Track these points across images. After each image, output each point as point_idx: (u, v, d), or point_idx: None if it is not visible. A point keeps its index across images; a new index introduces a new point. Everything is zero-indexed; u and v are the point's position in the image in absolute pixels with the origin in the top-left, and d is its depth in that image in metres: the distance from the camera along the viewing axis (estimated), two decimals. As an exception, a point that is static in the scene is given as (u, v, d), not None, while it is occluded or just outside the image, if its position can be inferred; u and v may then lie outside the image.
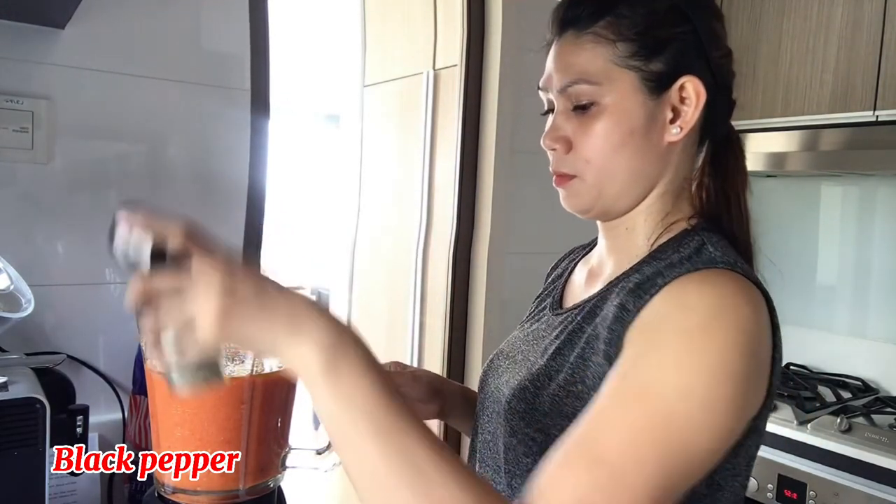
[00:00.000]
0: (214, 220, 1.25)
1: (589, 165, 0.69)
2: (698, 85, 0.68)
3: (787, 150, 1.75)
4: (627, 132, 0.68)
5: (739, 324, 0.57)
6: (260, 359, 0.59)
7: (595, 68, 0.68)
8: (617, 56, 0.67)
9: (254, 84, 1.27)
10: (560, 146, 0.70)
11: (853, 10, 1.67)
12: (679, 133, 0.69)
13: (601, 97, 0.68)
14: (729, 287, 0.60)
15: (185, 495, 0.60)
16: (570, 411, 0.64)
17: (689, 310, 0.59)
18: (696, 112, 0.68)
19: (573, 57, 0.69)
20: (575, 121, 0.69)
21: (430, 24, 2.47)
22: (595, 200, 0.71)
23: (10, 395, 0.73)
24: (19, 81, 1.07)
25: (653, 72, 0.68)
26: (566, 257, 0.92)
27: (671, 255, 0.67)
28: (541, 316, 0.82)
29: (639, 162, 0.69)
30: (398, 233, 2.69)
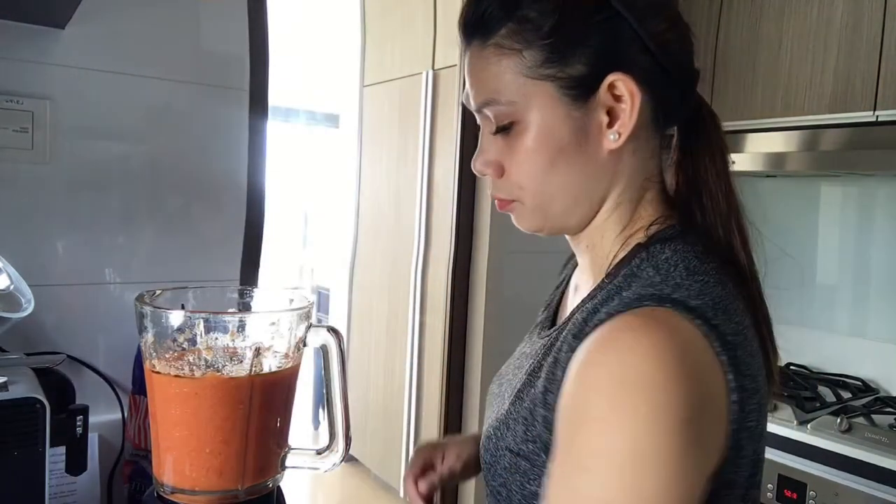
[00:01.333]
0: (214, 220, 1.25)
1: (524, 191, 0.62)
2: (629, 83, 0.58)
3: (787, 150, 1.75)
4: (556, 151, 0.59)
5: (647, 398, 0.49)
6: (258, 359, 0.59)
7: (504, 85, 0.59)
8: (526, 67, 0.58)
9: (253, 84, 1.27)
10: (491, 171, 0.63)
11: (853, 10, 1.67)
12: (619, 139, 0.59)
13: (520, 115, 0.59)
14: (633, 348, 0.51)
15: (185, 495, 0.60)
16: (525, 467, 0.60)
17: (592, 393, 0.51)
18: (633, 112, 0.58)
19: (481, 72, 0.60)
20: (500, 142, 0.62)
21: (429, 23, 2.47)
22: (543, 221, 0.64)
23: (10, 395, 0.73)
24: (19, 81, 1.07)
25: (572, 77, 0.58)
26: (568, 262, 0.85)
27: (617, 279, 0.60)
28: (533, 332, 0.76)
29: (577, 179, 0.61)
30: (398, 232, 2.69)
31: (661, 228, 0.63)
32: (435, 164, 2.41)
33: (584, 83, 0.58)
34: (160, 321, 0.58)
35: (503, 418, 0.64)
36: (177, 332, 0.58)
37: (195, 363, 0.58)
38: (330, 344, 0.63)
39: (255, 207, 1.30)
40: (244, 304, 0.69)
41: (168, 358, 0.59)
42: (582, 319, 0.58)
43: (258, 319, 0.62)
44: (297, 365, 0.63)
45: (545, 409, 0.58)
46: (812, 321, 2.00)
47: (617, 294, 0.57)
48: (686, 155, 0.64)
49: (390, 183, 2.77)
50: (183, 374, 0.58)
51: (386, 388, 2.76)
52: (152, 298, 0.61)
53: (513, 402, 0.64)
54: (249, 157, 1.27)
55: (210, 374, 0.58)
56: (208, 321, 0.58)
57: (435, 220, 2.42)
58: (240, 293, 0.70)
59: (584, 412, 0.51)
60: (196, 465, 0.59)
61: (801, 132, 1.72)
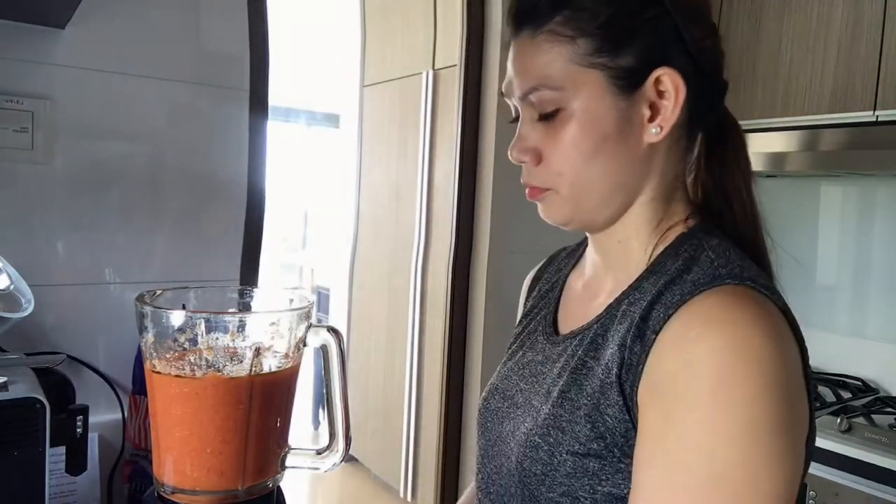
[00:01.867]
0: (214, 220, 1.25)
1: (562, 178, 0.62)
2: (676, 77, 0.60)
3: (787, 150, 1.75)
4: (600, 139, 0.60)
5: (761, 364, 0.51)
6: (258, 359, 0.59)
7: (555, 71, 0.60)
8: (578, 55, 0.59)
9: (253, 84, 1.27)
10: (529, 158, 0.63)
11: (853, 10, 1.67)
12: (659, 133, 0.61)
13: (566, 103, 0.60)
14: (737, 322, 0.52)
15: (185, 495, 0.59)
16: (595, 468, 0.58)
17: (697, 366, 0.51)
18: (676, 107, 0.60)
19: (530, 59, 0.61)
20: (542, 129, 0.62)
21: (429, 24, 2.47)
22: (573, 213, 0.64)
23: (10, 395, 0.73)
24: (19, 81, 1.07)
25: (622, 68, 0.60)
26: (548, 266, 0.84)
27: (669, 266, 0.61)
28: (533, 342, 0.74)
29: (616, 169, 0.62)
30: (398, 232, 2.69)
31: (696, 223, 0.65)
32: (435, 163, 2.41)
33: (632, 75, 0.60)
34: (161, 321, 0.58)
35: (550, 423, 0.62)
36: (177, 332, 0.58)
37: (196, 363, 0.58)
38: (330, 344, 0.63)
39: (256, 207, 1.30)
40: (244, 304, 0.69)
41: (168, 358, 0.59)
42: (648, 303, 0.59)
43: (258, 319, 0.62)
44: (298, 365, 0.63)
45: (619, 397, 0.58)
46: (812, 321, 2.00)
47: (679, 278, 0.59)
48: (713, 161, 0.67)
49: (390, 183, 2.77)
50: (183, 374, 0.58)
51: (386, 388, 2.76)
52: (153, 298, 0.61)
53: (557, 404, 0.62)
54: (249, 157, 1.28)
55: (211, 374, 0.58)
56: (209, 321, 0.58)
57: (435, 220, 2.42)
58: (240, 293, 0.70)
59: (691, 387, 0.51)
60: (197, 464, 0.58)
61: (801, 132, 1.72)
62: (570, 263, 0.79)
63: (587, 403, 0.60)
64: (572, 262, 0.79)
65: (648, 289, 0.61)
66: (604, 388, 0.59)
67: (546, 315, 0.75)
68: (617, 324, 0.62)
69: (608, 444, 0.58)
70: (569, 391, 0.62)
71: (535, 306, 0.79)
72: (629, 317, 0.60)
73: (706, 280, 0.57)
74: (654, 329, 0.56)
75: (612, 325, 0.62)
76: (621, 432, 0.57)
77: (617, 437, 0.58)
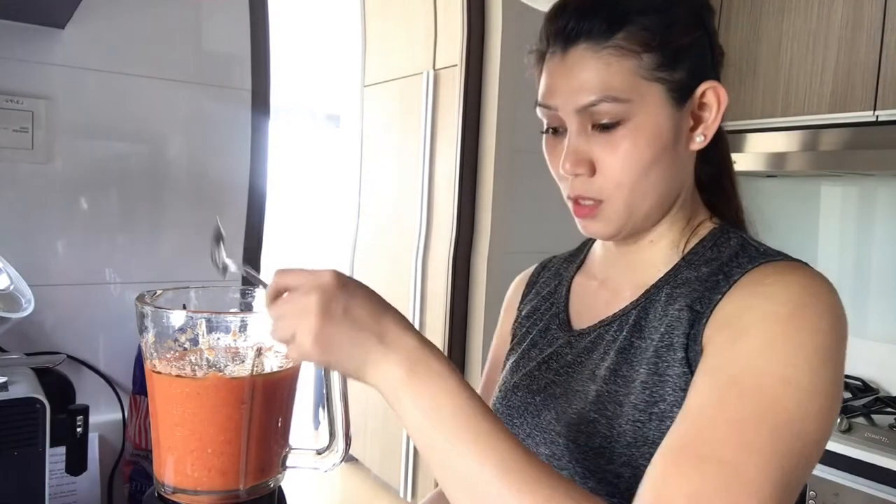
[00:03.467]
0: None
1: (620, 188, 0.65)
2: (720, 90, 0.66)
3: (787, 150, 1.75)
4: (660, 149, 0.64)
5: (829, 308, 0.57)
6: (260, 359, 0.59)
7: (622, 84, 0.63)
8: (643, 68, 0.63)
9: (254, 84, 1.27)
10: (584, 170, 0.65)
11: (853, 10, 1.67)
12: (703, 141, 0.67)
13: (630, 115, 0.63)
14: (808, 275, 0.60)
15: (185, 495, 0.59)
16: (655, 435, 0.60)
17: (774, 298, 0.57)
18: (718, 116, 0.66)
19: (594, 73, 0.63)
20: (598, 141, 0.64)
21: (430, 24, 2.47)
22: (625, 223, 0.67)
23: (10, 395, 0.73)
24: (19, 81, 1.07)
25: (677, 81, 0.64)
26: (542, 271, 0.86)
27: (712, 255, 0.66)
28: (550, 339, 0.76)
29: (669, 177, 0.66)
30: (398, 232, 2.69)
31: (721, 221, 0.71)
32: (435, 163, 2.41)
33: (684, 88, 0.65)
34: (161, 321, 0.58)
35: (605, 399, 0.64)
36: (178, 332, 0.58)
37: (197, 363, 0.58)
38: (331, 344, 0.63)
39: (257, 207, 1.30)
40: (246, 304, 0.69)
41: (169, 358, 0.58)
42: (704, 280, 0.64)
43: (260, 320, 0.62)
44: (298, 365, 0.63)
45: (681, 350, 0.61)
46: (812, 321, 2.00)
47: (734, 261, 0.64)
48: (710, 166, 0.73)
49: (391, 183, 2.77)
50: (184, 375, 0.58)
51: (386, 388, 2.75)
52: (153, 298, 0.61)
53: (609, 381, 0.65)
54: (251, 156, 1.27)
55: (212, 374, 0.58)
56: (210, 321, 0.58)
57: (435, 219, 2.42)
58: (242, 293, 0.70)
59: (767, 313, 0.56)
60: (198, 465, 0.58)
61: (801, 132, 1.72)
62: (572, 267, 0.81)
63: (644, 372, 0.63)
64: (574, 266, 0.81)
65: (693, 275, 0.65)
66: (659, 353, 0.63)
67: (557, 313, 0.77)
68: (664, 306, 0.65)
69: (669, 404, 0.60)
70: (619, 368, 0.65)
71: (538, 308, 0.81)
72: (678, 296, 0.65)
73: (770, 255, 0.63)
74: (722, 289, 0.61)
75: (653, 307, 0.67)
76: (681, 386, 0.60)
77: (677, 394, 0.60)
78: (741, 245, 0.66)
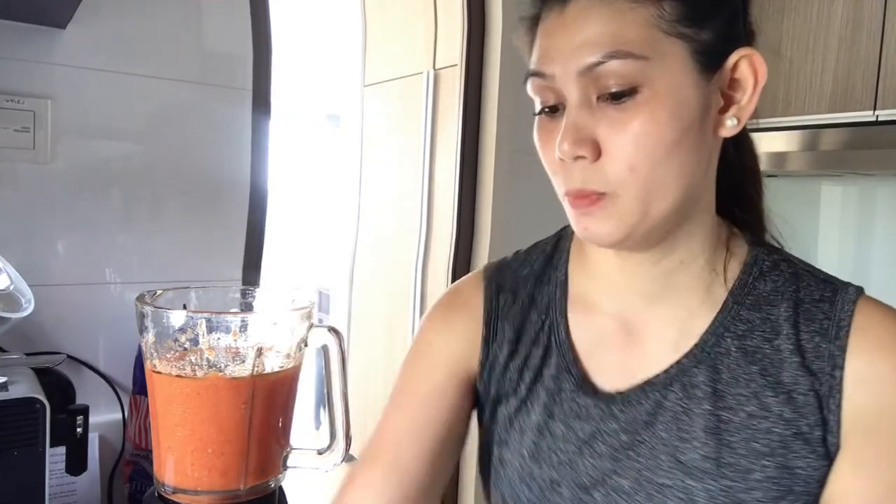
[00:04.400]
0: (216, 220, 1.25)
1: (633, 175, 0.50)
2: (758, 60, 0.52)
3: (788, 150, 1.75)
4: (685, 126, 0.49)
5: None
6: (260, 359, 0.59)
7: (636, 35, 0.49)
8: (664, 20, 0.49)
9: (255, 84, 1.26)
10: (587, 151, 0.50)
11: (853, 10, 1.67)
12: (736, 125, 0.52)
13: (648, 78, 0.49)
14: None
15: (186, 495, 0.59)
16: None
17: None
18: (755, 95, 0.52)
19: (602, 24, 0.49)
20: (604, 114, 0.50)
21: (430, 23, 2.47)
22: (637, 224, 0.51)
23: (10, 395, 0.73)
24: (20, 81, 1.06)
25: (705, 42, 0.50)
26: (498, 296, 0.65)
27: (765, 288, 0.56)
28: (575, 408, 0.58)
29: (693, 167, 0.51)
30: (398, 233, 2.69)
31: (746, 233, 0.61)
32: (436, 163, 2.41)
33: (714, 53, 0.51)
34: (161, 321, 0.58)
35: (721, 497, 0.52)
36: (178, 332, 0.58)
37: (197, 363, 0.58)
38: (330, 344, 0.63)
39: (258, 207, 1.30)
40: (246, 304, 0.69)
41: (169, 358, 0.59)
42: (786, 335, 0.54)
43: (260, 319, 0.62)
44: (299, 365, 0.63)
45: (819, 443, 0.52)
46: (812, 321, 1.99)
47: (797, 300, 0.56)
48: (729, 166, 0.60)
49: (391, 183, 2.77)
50: (185, 374, 0.58)
51: (386, 388, 2.75)
52: (153, 298, 0.61)
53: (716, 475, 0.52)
54: (252, 156, 1.27)
55: (212, 374, 0.58)
56: (210, 321, 0.58)
57: (435, 220, 2.42)
58: (242, 293, 0.70)
59: None
60: (198, 465, 0.58)
61: (802, 132, 1.72)
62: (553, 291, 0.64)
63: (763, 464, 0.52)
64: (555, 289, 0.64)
65: (757, 317, 0.54)
66: (785, 442, 0.52)
67: (566, 367, 0.60)
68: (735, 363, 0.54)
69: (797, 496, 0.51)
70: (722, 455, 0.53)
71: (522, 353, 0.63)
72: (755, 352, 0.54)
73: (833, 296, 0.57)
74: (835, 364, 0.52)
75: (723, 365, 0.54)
76: (815, 479, 0.51)
77: (811, 484, 0.51)
78: (793, 272, 0.57)
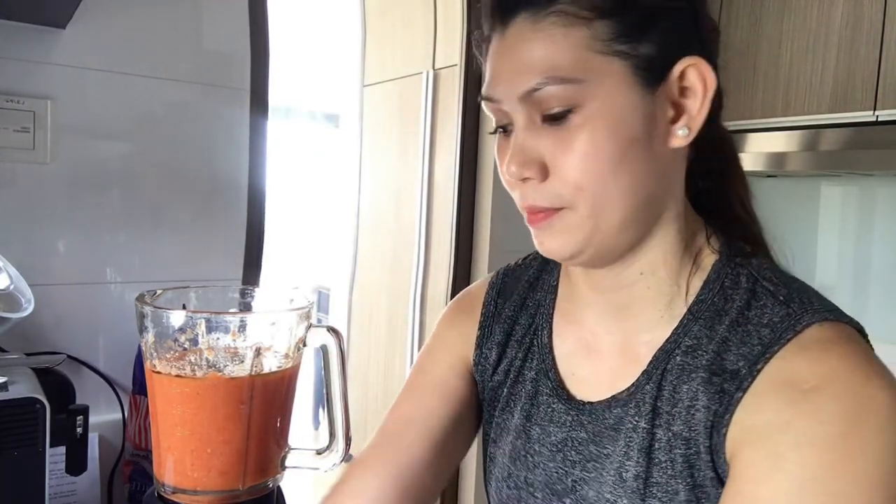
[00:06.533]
0: (215, 220, 1.25)
1: (581, 193, 0.51)
2: (705, 68, 0.51)
3: (787, 150, 1.75)
4: (627, 143, 0.50)
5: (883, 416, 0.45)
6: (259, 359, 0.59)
7: (569, 60, 0.50)
8: (596, 40, 0.50)
9: (253, 83, 1.27)
10: (533, 173, 0.52)
11: (853, 10, 1.67)
12: (688, 134, 0.53)
13: (584, 99, 0.50)
14: (845, 359, 0.48)
15: (185, 495, 0.59)
16: None
17: (822, 415, 0.46)
18: (705, 103, 0.52)
19: (534, 49, 0.50)
20: (548, 136, 0.51)
21: (429, 23, 2.47)
22: (590, 237, 0.53)
23: (10, 395, 0.73)
24: (20, 81, 1.07)
25: (645, 56, 0.51)
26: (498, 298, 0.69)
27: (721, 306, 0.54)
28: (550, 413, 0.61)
29: (645, 180, 0.52)
30: (398, 232, 2.69)
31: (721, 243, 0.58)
32: (435, 163, 2.41)
33: (655, 66, 0.51)
34: (161, 321, 0.58)
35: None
36: (178, 332, 0.58)
37: (196, 363, 0.58)
38: (330, 344, 0.63)
39: (256, 207, 1.30)
40: (245, 304, 0.69)
41: (169, 358, 0.59)
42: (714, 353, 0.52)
43: (259, 319, 0.62)
44: (298, 365, 0.63)
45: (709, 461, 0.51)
46: (812, 321, 1.99)
47: (742, 317, 0.52)
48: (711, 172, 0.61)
49: (390, 183, 2.77)
50: (184, 374, 0.58)
51: (386, 388, 2.76)
52: (153, 298, 0.61)
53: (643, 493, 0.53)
54: (250, 156, 1.27)
55: (211, 374, 0.58)
56: (210, 321, 0.58)
57: (435, 219, 2.43)
58: (241, 293, 0.70)
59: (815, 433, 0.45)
60: (197, 465, 0.59)
61: (801, 132, 1.72)
62: (544, 297, 0.67)
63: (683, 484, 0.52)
64: (546, 295, 0.67)
65: (703, 336, 0.53)
66: (688, 458, 0.52)
67: (545, 371, 0.63)
68: (675, 380, 0.54)
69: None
70: (651, 474, 0.53)
71: (509, 356, 0.66)
72: (692, 370, 0.53)
73: (784, 325, 0.51)
74: (740, 385, 0.50)
75: (666, 382, 0.54)
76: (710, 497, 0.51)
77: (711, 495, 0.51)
78: (750, 290, 0.54)
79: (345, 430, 0.64)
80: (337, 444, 0.64)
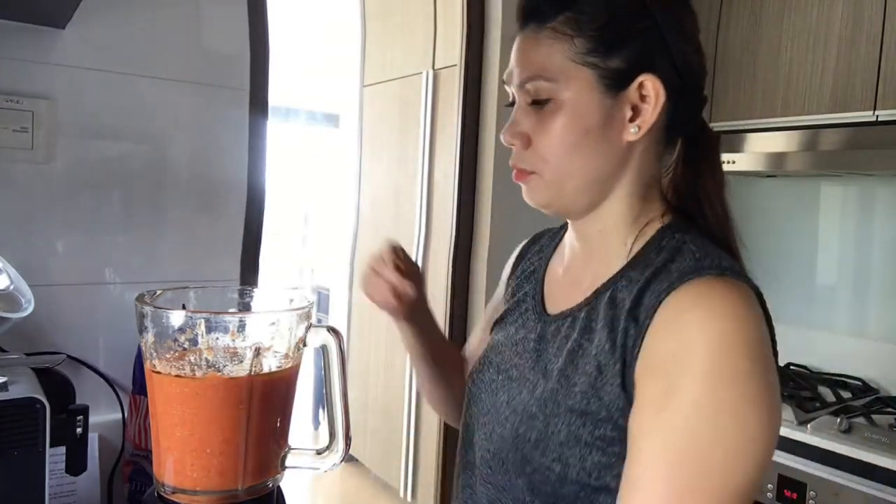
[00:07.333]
0: (214, 220, 1.25)
1: (546, 163, 0.68)
2: (657, 83, 0.66)
3: (787, 150, 1.75)
4: (582, 131, 0.67)
5: (749, 349, 0.58)
6: (258, 359, 0.59)
7: (552, 64, 0.67)
8: (574, 52, 0.66)
9: (253, 84, 1.27)
10: (518, 142, 0.70)
11: (853, 10, 1.67)
12: (637, 132, 0.67)
13: (557, 94, 0.67)
14: (725, 306, 0.60)
15: (185, 495, 0.60)
16: (588, 439, 0.64)
17: (692, 349, 0.58)
18: (655, 111, 0.67)
19: (532, 52, 0.68)
20: (533, 117, 0.68)
21: (429, 24, 2.47)
22: (553, 198, 0.70)
23: (10, 395, 0.73)
24: (19, 81, 1.07)
25: (611, 69, 0.66)
26: (532, 245, 0.89)
27: (654, 259, 0.67)
28: (525, 320, 0.79)
29: (596, 161, 0.68)
30: (398, 232, 2.69)
31: (673, 220, 0.71)
32: (435, 163, 2.41)
33: (619, 77, 0.66)
34: (161, 321, 0.58)
35: (548, 397, 0.68)
36: (178, 332, 0.58)
37: (196, 363, 0.58)
38: (330, 344, 0.63)
39: (255, 207, 1.30)
40: (244, 304, 0.69)
41: (169, 358, 0.59)
42: (637, 291, 0.65)
43: (258, 319, 0.62)
44: (297, 365, 0.63)
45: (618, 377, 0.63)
46: (812, 321, 1.99)
47: (665, 268, 0.65)
48: (689, 168, 0.73)
49: (390, 183, 2.77)
50: (184, 374, 0.58)
51: (386, 387, 2.76)
52: (153, 298, 0.61)
53: (555, 381, 0.68)
54: (249, 156, 1.28)
55: (211, 374, 0.58)
56: (209, 321, 0.58)
57: (435, 219, 2.42)
58: (240, 293, 0.70)
59: (690, 364, 0.58)
60: (197, 465, 0.59)
61: (801, 132, 1.72)
62: (552, 246, 0.84)
63: (583, 381, 0.66)
64: (553, 245, 0.84)
65: (635, 278, 0.67)
66: (600, 368, 0.65)
67: (535, 295, 0.80)
68: (607, 309, 0.67)
69: (601, 418, 0.64)
70: (566, 370, 0.68)
71: (520, 285, 0.85)
72: (619, 303, 0.66)
73: (690, 270, 0.63)
74: (648, 314, 0.62)
75: (600, 310, 0.68)
76: (617, 406, 0.63)
77: (612, 410, 0.63)
78: (677, 248, 0.67)
79: (345, 430, 0.64)
80: (337, 444, 0.64)
